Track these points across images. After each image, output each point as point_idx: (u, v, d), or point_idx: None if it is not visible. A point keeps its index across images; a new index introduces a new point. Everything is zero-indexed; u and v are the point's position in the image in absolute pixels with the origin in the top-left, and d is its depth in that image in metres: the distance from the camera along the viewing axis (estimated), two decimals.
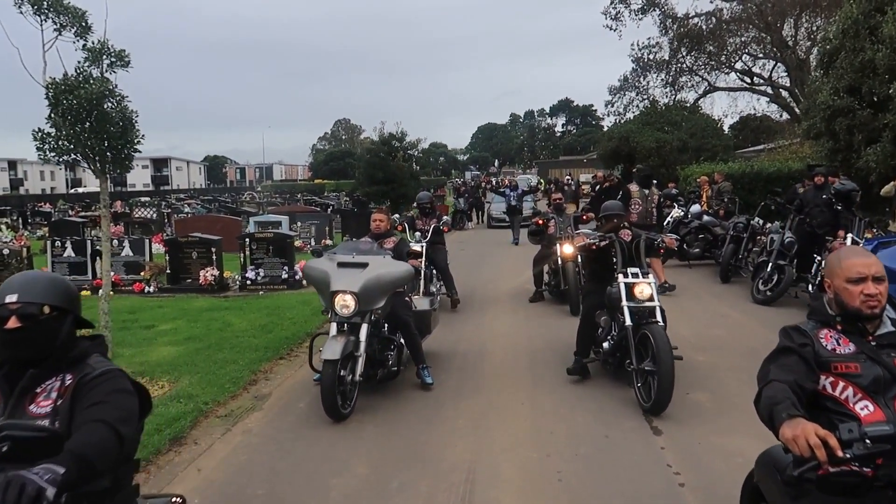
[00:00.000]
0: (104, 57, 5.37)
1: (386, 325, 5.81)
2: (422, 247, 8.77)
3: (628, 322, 5.43)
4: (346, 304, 5.12)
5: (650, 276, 5.71)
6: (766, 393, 2.22)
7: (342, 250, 5.74)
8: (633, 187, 10.52)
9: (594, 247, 5.96)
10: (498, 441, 4.80)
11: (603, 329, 6.01)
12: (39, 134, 5.47)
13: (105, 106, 5.39)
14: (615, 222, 6.23)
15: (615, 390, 5.76)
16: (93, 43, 5.30)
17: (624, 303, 5.51)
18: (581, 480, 4.17)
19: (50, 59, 5.21)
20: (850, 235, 7.85)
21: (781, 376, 2.25)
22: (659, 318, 5.51)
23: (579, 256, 8.33)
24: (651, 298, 5.54)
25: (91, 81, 5.32)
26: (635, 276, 5.64)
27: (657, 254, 6.83)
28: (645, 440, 4.75)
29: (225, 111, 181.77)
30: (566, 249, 8.82)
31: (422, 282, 8.63)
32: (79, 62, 5.34)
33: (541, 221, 9.69)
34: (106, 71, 5.40)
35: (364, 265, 5.30)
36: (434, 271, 9.33)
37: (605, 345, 5.93)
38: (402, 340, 5.97)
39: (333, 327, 5.26)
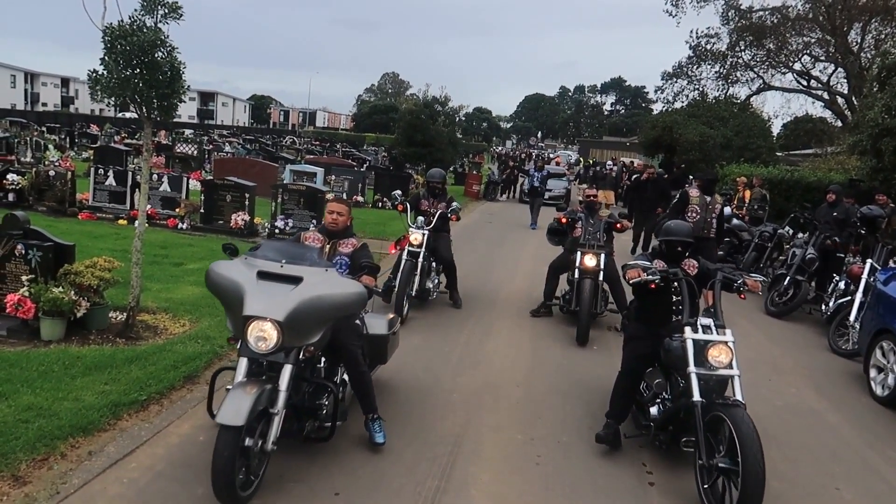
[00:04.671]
0: (158, 7, 5.60)
1: (323, 359, 4.31)
2: (423, 235, 7.65)
3: (697, 397, 4.02)
4: (263, 335, 3.57)
5: (729, 331, 4.26)
6: None
7: (268, 252, 3.89)
8: (693, 192, 9.20)
9: (652, 286, 4.56)
10: (487, 420, 5.06)
11: (651, 390, 4.75)
12: (94, 74, 5.77)
13: (156, 55, 5.65)
14: (678, 251, 4.82)
15: (610, 385, 5.95)
16: None
17: (692, 369, 4.11)
18: (557, 466, 4.41)
19: (108, 4, 5.45)
20: (869, 261, 7.84)
21: None
22: (739, 393, 4.11)
23: (600, 272, 7.34)
24: (730, 365, 4.14)
25: (144, 30, 5.57)
26: (707, 329, 4.22)
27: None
28: (625, 438, 4.95)
29: (276, 50, 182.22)
30: (588, 261, 7.33)
31: (416, 277, 7.55)
32: (135, 10, 5.59)
33: (564, 220, 7.92)
34: (159, 21, 5.64)
35: (296, 280, 3.67)
36: (434, 263, 8.05)
37: (653, 410, 4.62)
38: (345, 378, 4.56)
39: (243, 365, 3.67)
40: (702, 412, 3.99)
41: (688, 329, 4.23)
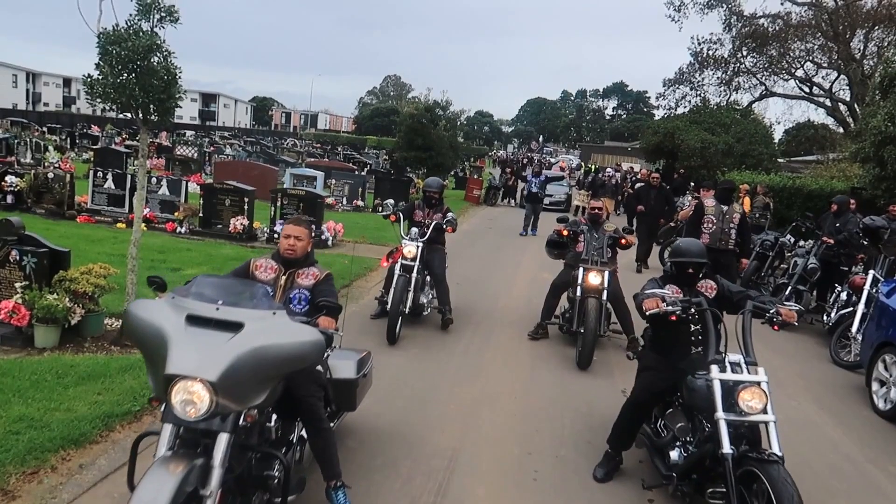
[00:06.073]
0: (154, 11, 5.56)
1: (274, 416, 3.45)
2: (418, 247, 7.18)
3: (727, 449, 3.49)
4: (191, 398, 2.73)
5: (762, 369, 3.74)
6: None
7: (202, 289, 3.06)
8: (709, 202, 8.83)
9: (673, 318, 4.10)
10: (484, 432, 4.99)
11: (671, 431, 4.20)
12: (88, 79, 5.74)
13: (152, 60, 5.60)
14: (690, 272, 4.37)
15: (609, 396, 5.90)
16: None
17: (720, 414, 3.59)
18: (555, 482, 4.35)
19: (104, 8, 5.42)
20: (871, 272, 7.78)
21: None
22: (775, 443, 3.57)
23: (605, 291, 6.82)
24: (764, 410, 3.62)
25: (140, 34, 5.53)
26: (737, 367, 3.72)
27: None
28: (625, 452, 4.88)
29: (279, 52, 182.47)
30: (592, 279, 6.82)
31: (410, 293, 7.04)
32: (130, 14, 5.54)
33: (566, 232, 7.37)
34: (155, 26, 5.59)
35: (235, 326, 2.88)
36: (428, 278, 7.61)
37: (674, 455, 4.06)
38: (303, 434, 3.77)
39: (167, 434, 2.86)
40: (732, 465, 3.47)
41: (714, 367, 3.71)
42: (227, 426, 2.87)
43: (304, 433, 3.74)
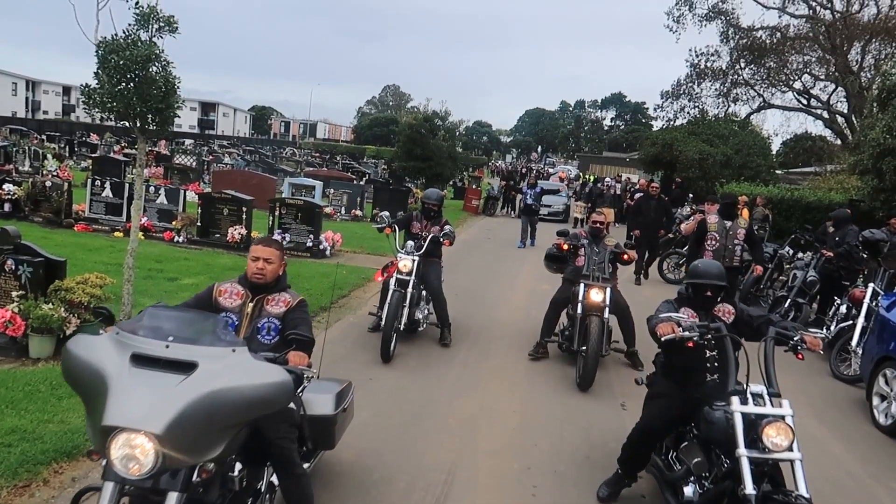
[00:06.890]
0: (153, 21, 5.56)
1: (237, 465, 2.93)
2: (414, 261, 6.91)
3: (750, 490, 3.23)
4: (133, 454, 2.34)
5: (786, 402, 3.47)
6: None
7: (153, 322, 2.66)
8: (712, 218, 8.60)
9: (690, 344, 3.82)
10: (482, 446, 4.94)
11: (685, 466, 3.85)
12: (87, 88, 5.73)
13: (150, 69, 5.60)
14: (708, 295, 4.11)
15: (607, 410, 5.86)
16: (143, 7, 5.49)
17: (742, 451, 3.32)
18: (554, 498, 4.30)
19: (102, 17, 5.43)
20: (871, 285, 7.76)
21: None
22: (802, 483, 3.28)
23: (606, 309, 6.57)
24: (790, 448, 3.33)
25: (139, 44, 5.52)
26: (759, 399, 3.45)
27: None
28: None
29: (279, 61, 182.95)
30: (594, 296, 6.56)
31: (405, 309, 6.77)
32: (129, 24, 5.54)
33: (565, 246, 7.10)
34: (154, 35, 5.59)
35: (188, 367, 2.47)
36: (423, 292, 7.36)
37: (688, 491, 3.77)
38: (273, 481, 3.34)
39: (108, 491, 2.47)
40: None
41: (735, 399, 3.43)
42: (178, 484, 2.48)
43: (274, 479, 3.31)
